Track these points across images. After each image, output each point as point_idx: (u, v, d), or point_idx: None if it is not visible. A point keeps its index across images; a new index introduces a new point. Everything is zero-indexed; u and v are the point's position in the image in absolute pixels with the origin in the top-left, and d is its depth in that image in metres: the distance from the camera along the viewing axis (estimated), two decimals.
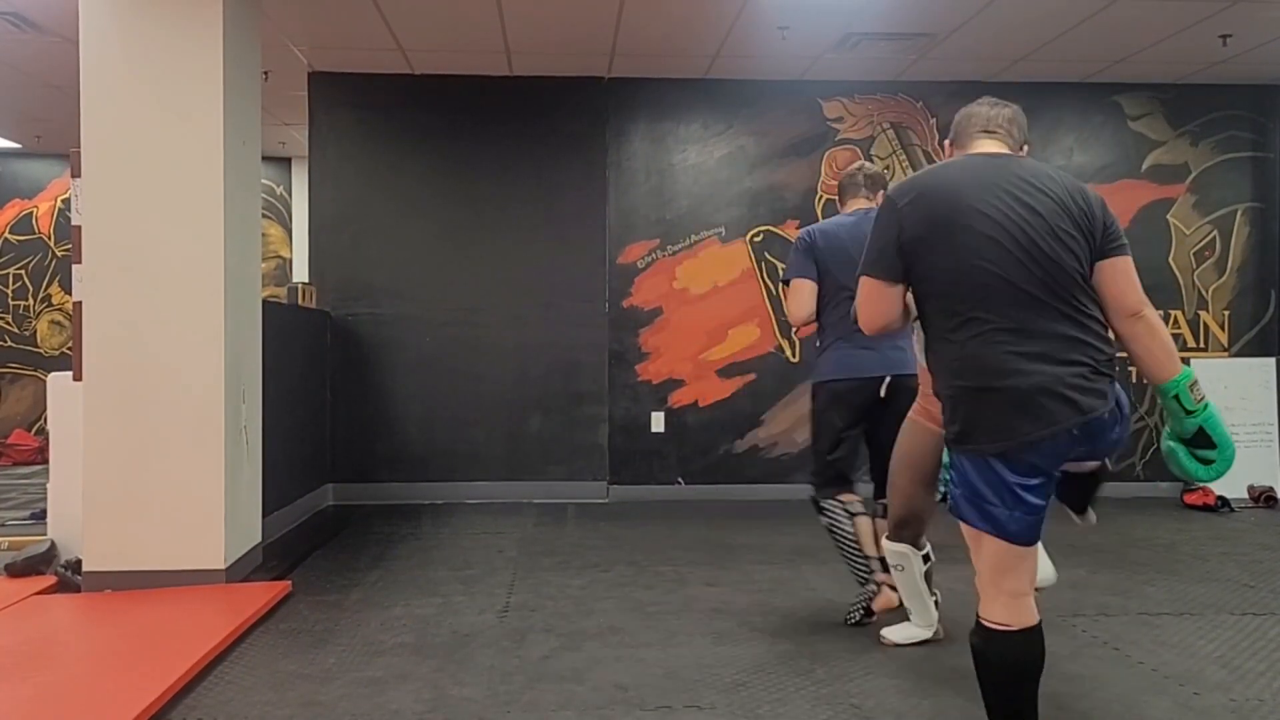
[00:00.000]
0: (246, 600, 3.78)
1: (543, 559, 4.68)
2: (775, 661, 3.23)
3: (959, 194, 2.12)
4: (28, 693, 2.88)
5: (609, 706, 2.84)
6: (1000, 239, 2.06)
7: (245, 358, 4.35)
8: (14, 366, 8.91)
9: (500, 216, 6.32)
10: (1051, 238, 2.06)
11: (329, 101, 6.27)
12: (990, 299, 2.07)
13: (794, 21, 5.30)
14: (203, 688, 3.00)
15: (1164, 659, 3.21)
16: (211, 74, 4.07)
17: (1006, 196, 2.09)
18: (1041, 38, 5.56)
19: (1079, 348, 2.07)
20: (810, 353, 6.44)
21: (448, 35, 5.53)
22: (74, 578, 4.05)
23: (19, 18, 5.20)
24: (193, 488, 4.05)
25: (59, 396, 4.39)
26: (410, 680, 3.05)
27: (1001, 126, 2.28)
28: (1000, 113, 2.30)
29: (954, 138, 2.37)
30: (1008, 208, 2.07)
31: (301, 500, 5.62)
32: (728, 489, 6.32)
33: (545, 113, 6.32)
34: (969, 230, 2.08)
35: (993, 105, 2.32)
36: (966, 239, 2.08)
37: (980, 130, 2.29)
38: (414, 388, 6.27)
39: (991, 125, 2.29)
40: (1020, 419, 2.03)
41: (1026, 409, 2.03)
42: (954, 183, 2.16)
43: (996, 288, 2.06)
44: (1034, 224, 2.06)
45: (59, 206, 8.89)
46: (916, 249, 2.14)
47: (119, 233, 4.04)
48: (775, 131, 6.42)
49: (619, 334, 6.36)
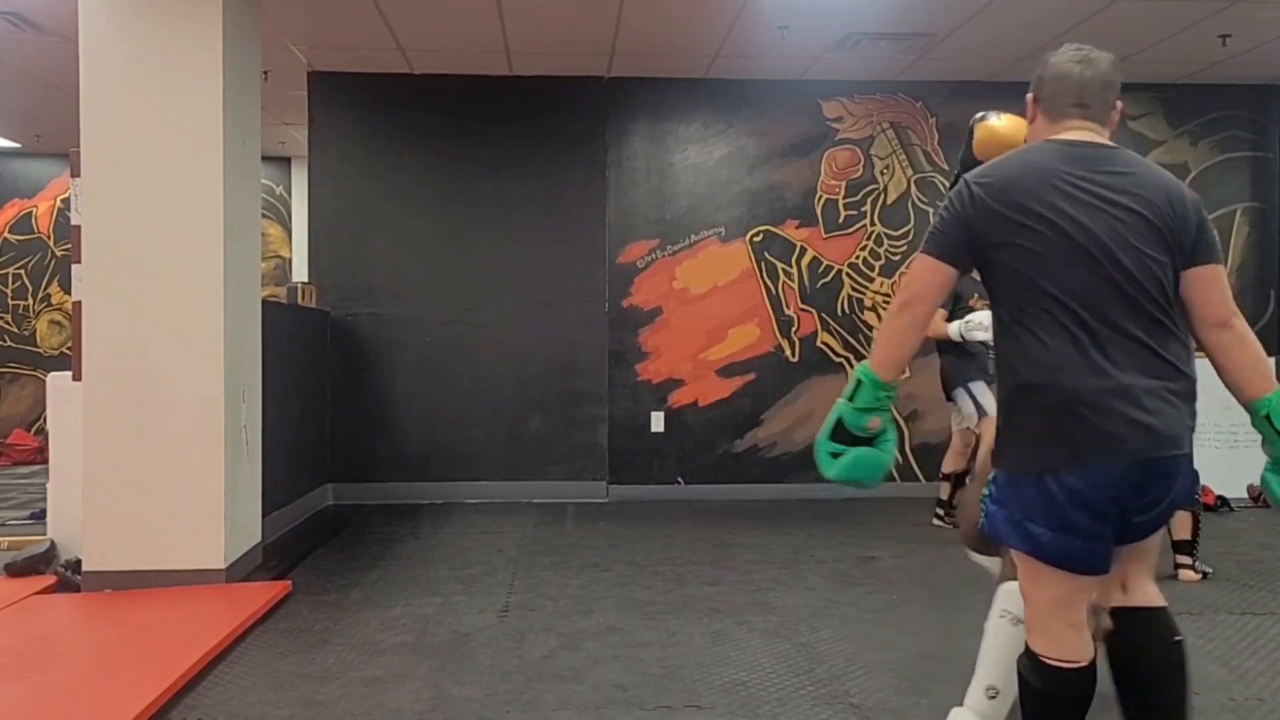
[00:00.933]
0: (246, 600, 3.78)
1: (542, 559, 4.69)
2: (774, 661, 3.23)
3: (1038, 190, 1.91)
4: (28, 693, 2.88)
5: (608, 706, 2.84)
6: (1080, 245, 1.87)
7: (245, 358, 4.35)
8: (14, 366, 8.91)
9: (500, 216, 6.32)
10: (1135, 247, 1.87)
11: (329, 101, 6.27)
12: (1062, 307, 1.88)
13: (794, 21, 5.30)
14: (202, 687, 3.00)
15: None
16: (211, 74, 4.07)
17: (1090, 197, 1.89)
18: (1041, 38, 5.56)
19: (1160, 367, 1.86)
20: (810, 351, 6.47)
21: (448, 35, 5.53)
22: (74, 577, 4.05)
23: (19, 18, 5.20)
24: (193, 488, 4.05)
25: (58, 396, 4.39)
26: (410, 680, 3.05)
27: (1095, 97, 2.02)
28: (1094, 76, 2.02)
29: (1041, 101, 2.07)
30: (1091, 210, 1.88)
31: (301, 500, 5.62)
32: (727, 489, 6.32)
33: (545, 112, 6.32)
34: (1045, 234, 1.89)
35: (1083, 63, 2.03)
36: (1042, 241, 1.89)
37: (1073, 104, 2.02)
38: (414, 388, 6.27)
39: (1085, 96, 2.01)
40: (1077, 437, 1.84)
41: (1085, 426, 1.84)
42: (1035, 175, 1.93)
43: (1069, 296, 1.87)
44: (1118, 230, 1.87)
45: (58, 206, 8.90)
46: (988, 243, 1.95)
47: (119, 232, 4.04)
48: (775, 131, 6.42)
49: (619, 334, 6.36)
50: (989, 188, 1.95)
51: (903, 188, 6.44)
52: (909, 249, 6.43)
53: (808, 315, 6.40)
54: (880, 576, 4.34)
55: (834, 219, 6.43)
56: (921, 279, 2.02)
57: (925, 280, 2.01)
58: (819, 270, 6.42)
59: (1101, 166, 1.93)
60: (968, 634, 3.48)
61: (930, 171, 6.44)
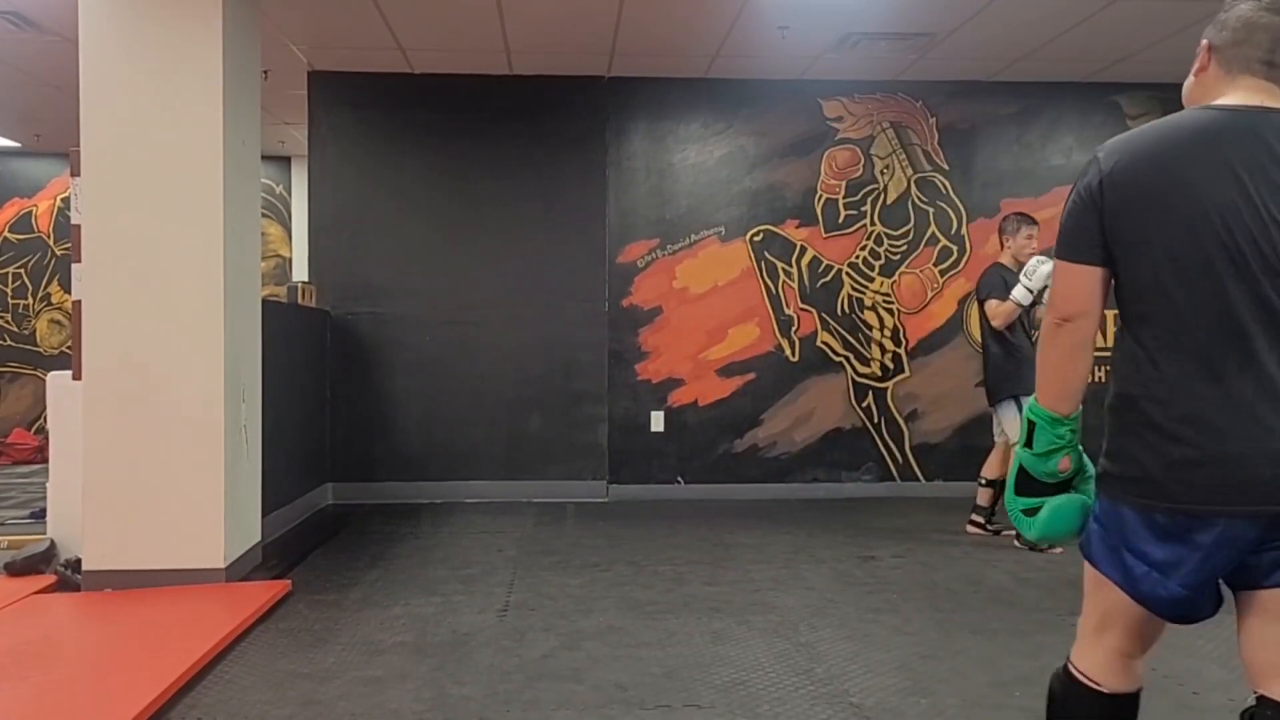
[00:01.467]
0: (246, 600, 3.78)
1: (542, 558, 4.69)
2: (774, 661, 3.23)
3: (1183, 164, 1.58)
4: (28, 693, 2.88)
5: (608, 705, 2.85)
6: (1220, 236, 1.54)
7: (245, 357, 4.35)
8: (14, 366, 8.91)
9: (500, 216, 6.32)
10: None
11: (329, 101, 6.27)
12: (1187, 312, 1.58)
13: (794, 21, 5.30)
14: (202, 687, 3.00)
15: (1164, 659, 3.20)
16: (211, 73, 4.07)
17: (1251, 176, 1.54)
18: (1041, 37, 5.56)
19: None
20: (810, 351, 6.47)
21: (447, 34, 5.53)
22: (74, 577, 4.05)
23: (19, 17, 5.20)
24: (192, 487, 4.05)
25: (58, 396, 4.39)
26: (410, 679, 3.05)
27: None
28: None
29: (1219, 50, 1.69)
30: (1247, 192, 1.54)
31: (301, 500, 5.62)
32: (727, 488, 6.32)
33: (545, 112, 6.32)
34: (1181, 220, 1.57)
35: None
36: (1175, 229, 1.58)
37: (1261, 60, 1.62)
38: (414, 387, 6.27)
39: (1278, 53, 1.62)
40: (1188, 479, 1.57)
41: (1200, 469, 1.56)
42: (1181, 147, 1.60)
43: (1195, 301, 1.57)
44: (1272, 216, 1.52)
45: (58, 205, 8.89)
46: (1116, 231, 1.63)
47: (119, 232, 4.04)
48: (775, 131, 6.42)
49: (619, 333, 6.36)
50: (1116, 164, 1.63)
51: (903, 187, 6.44)
52: (909, 249, 6.43)
53: (808, 315, 6.40)
54: (880, 576, 4.34)
55: (834, 219, 6.43)
56: (1065, 290, 1.70)
57: (1072, 290, 1.69)
58: (819, 270, 6.42)
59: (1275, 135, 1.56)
60: (968, 634, 3.50)
61: (930, 171, 6.43)
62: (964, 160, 6.44)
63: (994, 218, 6.41)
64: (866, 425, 6.43)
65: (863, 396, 6.43)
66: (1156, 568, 1.62)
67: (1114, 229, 1.62)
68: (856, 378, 6.43)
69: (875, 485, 6.37)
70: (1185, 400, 1.57)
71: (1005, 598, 3.95)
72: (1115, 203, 1.61)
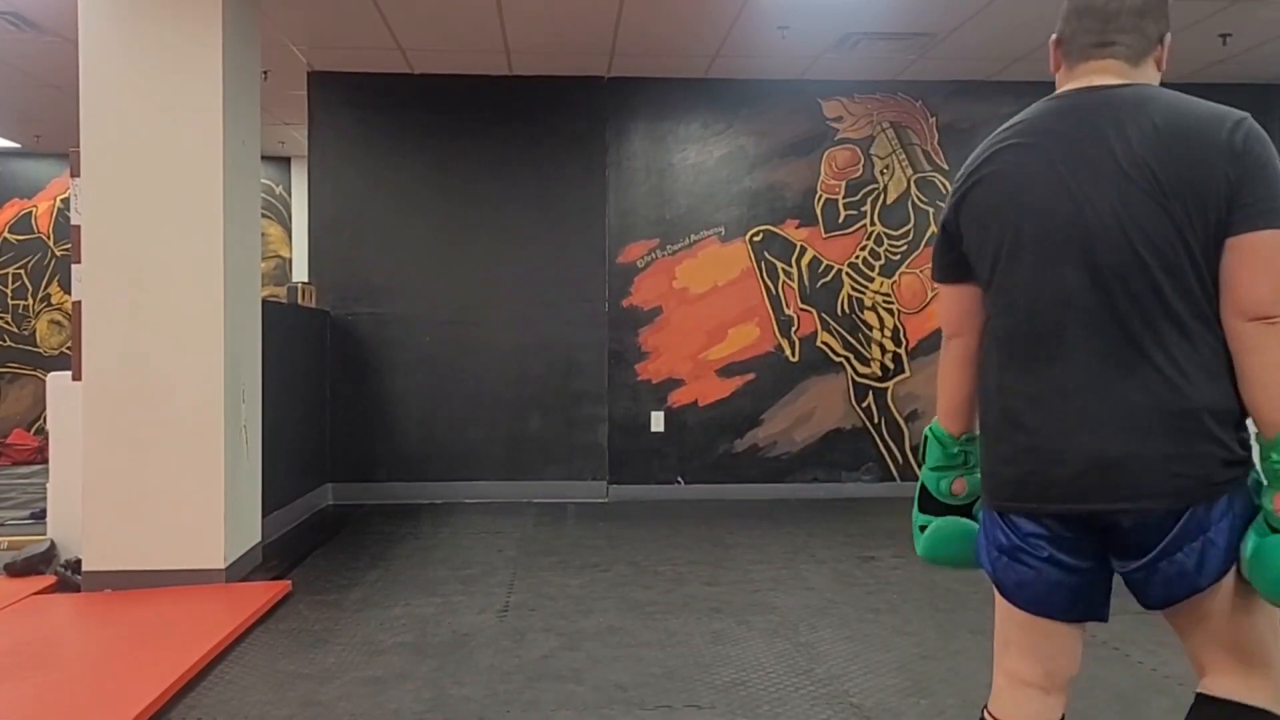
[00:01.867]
0: (246, 600, 3.78)
1: (542, 559, 4.69)
2: (774, 661, 3.23)
3: (1006, 162, 1.62)
4: (28, 693, 2.88)
5: (608, 706, 2.85)
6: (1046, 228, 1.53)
7: (245, 358, 4.35)
8: (13, 366, 8.91)
9: (500, 216, 6.32)
10: (1133, 227, 1.45)
11: (329, 101, 6.27)
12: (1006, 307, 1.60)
13: (794, 21, 5.30)
14: (202, 687, 3.00)
15: (1164, 659, 3.21)
16: (211, 73, 4.07)
17: (1066, 160, 1.52)
18: (1041, 37, 5.53)
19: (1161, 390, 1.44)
20: (810, 351, 6.47)
21: (447, 35, 5.53)
22: (74, 577, 4.05)
23: (19, 18, 5.20)
24: (192, 488, 4.05)
25: (58, 396, 4.39)
26: (410, 680, 3.05)
27: (1125, 32, 1.55)
28: (1124, 3, 1.55)
29: (1061, 45, 1.66)
30: (1060, 178, 1.52)
31: (301, 500, 5.62)
32: (727, 489, 6.32)
33: (545, 113, 6.32)
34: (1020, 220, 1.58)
35: None
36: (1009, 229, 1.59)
37: (1094, 43, 1.57)
38: (414, 387, 6.27)
39: (1110, 33, 1.56)
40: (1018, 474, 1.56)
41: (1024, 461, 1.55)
42: (1006, 146, 1.65)
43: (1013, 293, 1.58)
44: (1102, 208, 1.47)
45: (58, 206, 8.89)
46: (965, 243, 1.68)
47: (118, 232, 4.04)
48: (775, 131, 6.42)
49: (619, 333, 6.36)
50: (967, 175, 1.70)
51: (903, 187, 6.44)
52: (909, 249, 6.43)
53: (808, 315, 6.40)
54: (880, 576, 4.34)
55: (834, 219, 6.43)
56: (940, 310, 1.77)
57: (947, 309, 1.74)
58: (819, 270, 6.42)
59: (1103, 121, 1.52)
60: (967, 634, 3.50)
61: (930, 171, 6.44)
62: (964, 160, 6.36)
63: None
64: (866, 425, 6.43)
65: (863, 396, 6.43)
66: (1004, 552, 1.61)
67: (966, 243, 1.67)
68: (856, 378, 6.43)
69: (875, 485, 6.37)
70: (1003, 396, 1.59)
71: None
72: (961, 220, 1.68)
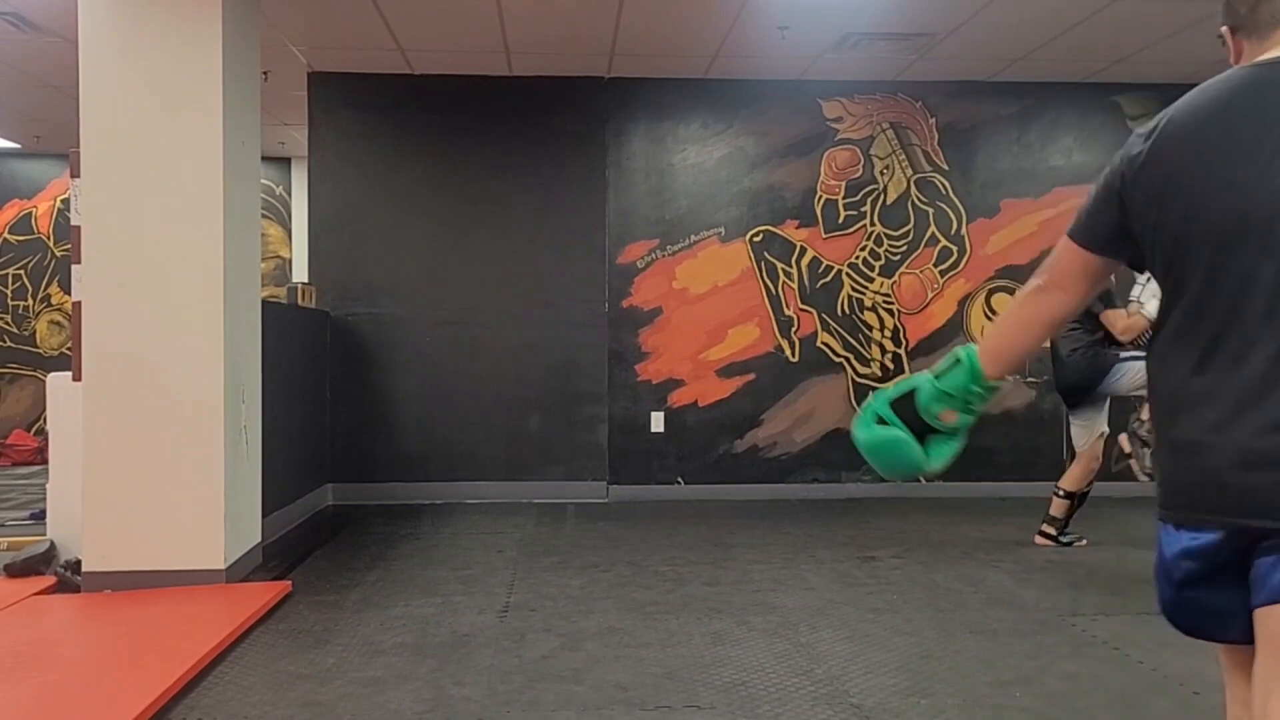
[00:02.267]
0: (246, 600, 3.78)
1: (542, 559, 4.68)
2: (774, 661, 3.23)
3: (1195, 135, 1.40)
4: (28, 693, 2.88)
5: (608, 706, 2.84)
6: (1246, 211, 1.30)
7: (245, 358, 4.35)
8: (13, 366, 8.91)
9: (500, 216, 6.32)
10: None
11: (329, 101, 6.27)
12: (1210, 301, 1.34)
13: (794, 21, 5.30)
14: (202, 688, 3.00)
15: (1164, 659, 3.21)
16: (211, 74, 4.07)
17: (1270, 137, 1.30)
18: (1041, 38, 5.56)
19: None
20: (810, 352, 6.47)
21: (447, 35, 5.53)
22: (74, 578, 4.05)
23: (19, 18, 5.20)
24: (192, 488, 4.05)
25: (58, 396, 4.39)
26: (410, 680, 3.05)
27: None
28: None
29: (1240, 29, 1.50)
30: (1261, 158, 1.30)
31: (301, 500, 5.62)
32: (727, 489, 6.32)
33: (545, 113, 6.32)
34: (1205, 194, 1.34)
35: None
36: (1198, 206, 1.35)
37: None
38: (414, 388, 6.27)
39: None
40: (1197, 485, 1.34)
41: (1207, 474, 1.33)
42: (1207, 115, 1.43)
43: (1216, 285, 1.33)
44: None
45: (58, 206, 8.89)
46: (1146, 212, 1.41)
47: (118, 233, 4.04)
48: (775, 131, 6.42)
49: (619, 334, 6.36)
50: (1146, 138, 1.45)
51: (902, 188, 6.44)
52: (909, 249, 6.43)
53: (808, 315, 6.40)
54: (880, 576, 4.34)
55: (834, 219, 6.43)
56: (1058, 262, 1.53)
57: (1063, 264, 1.53)
58: (819, 270, 6.41)
59: None
60: (967, 634, 3.50)
61: (930, 171, 6.43)
62: (964, 161, 6.44)
63: (993, 218, 6.42)
64: None
65: (863, 397, 6.43)
66: (1163, 570, 1.42)
67: (1134, 216, 1.42)
68: (857, 378, 6.43)
69: (875, 485, 6.37)
70: (1179, 398, 1.38)
71: (1005, 598, 3.95)
72: (1136, 191, 1.42)
